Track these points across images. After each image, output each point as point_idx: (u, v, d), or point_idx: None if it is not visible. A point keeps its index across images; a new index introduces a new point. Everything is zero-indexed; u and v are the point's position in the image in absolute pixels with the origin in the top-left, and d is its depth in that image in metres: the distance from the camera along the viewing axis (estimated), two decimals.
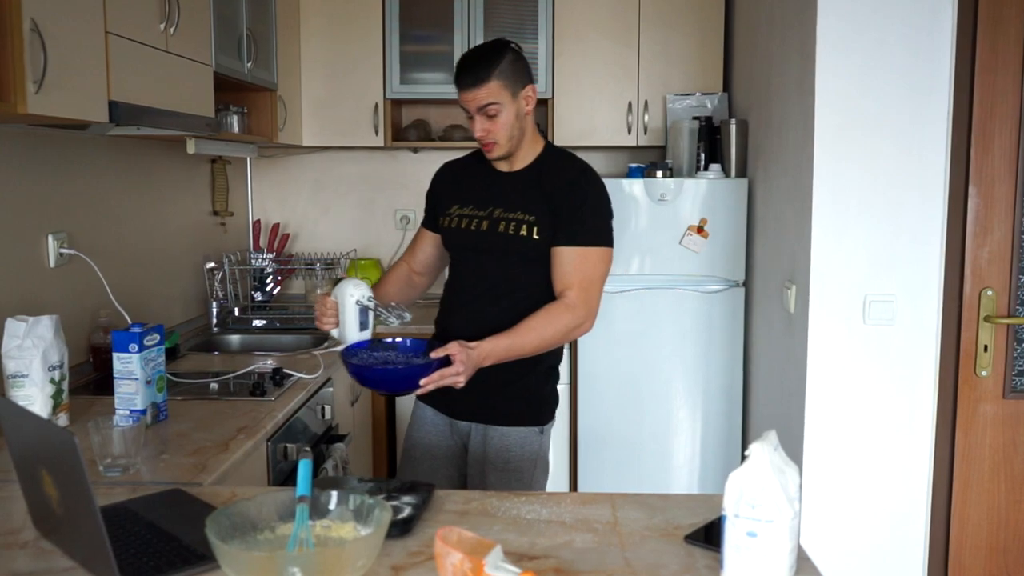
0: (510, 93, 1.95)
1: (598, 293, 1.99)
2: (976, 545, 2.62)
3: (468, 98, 1.95)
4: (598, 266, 1.98)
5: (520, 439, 2.05)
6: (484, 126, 1.96)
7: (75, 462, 1.12)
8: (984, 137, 2.50)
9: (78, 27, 1.89)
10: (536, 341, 1.92)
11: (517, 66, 1.97)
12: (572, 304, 1.94)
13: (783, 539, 1.14)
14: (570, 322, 1.94)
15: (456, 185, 2.13)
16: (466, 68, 1.95)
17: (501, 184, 2.05)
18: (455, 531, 1.17)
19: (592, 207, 1.99)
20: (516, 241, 1.97)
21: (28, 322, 1.84)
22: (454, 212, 2.08)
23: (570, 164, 2.06)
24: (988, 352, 2.56)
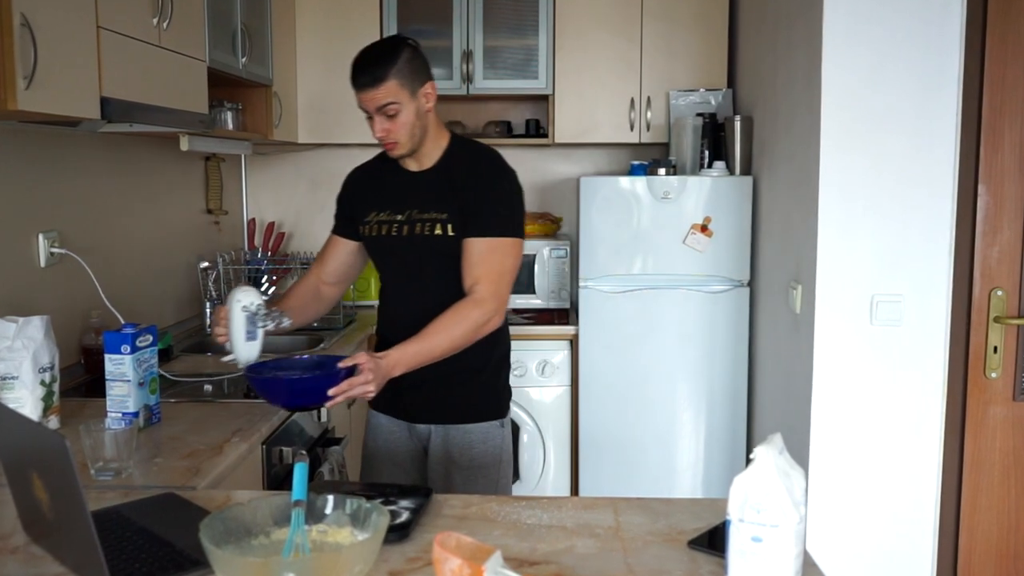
0: (408, 92, 1.94)
1: (508, 285, 1.99)
2: (986, 551, 2.62)
3: (366, 98, 1.94)
4: (507, 257, 1.97)
5: (483, 435, 2.08)
6: (384, 126, 1.95)
7: (66, 466, 1.12)
8: (994, 133, 2.50)
9: (69, 22, 1.89)
10: (446, 342, 1.91)
11: (414, 64, 1.96)
12: (480, 299, 1.93)
13: (789, 544, 1.14)
14: (479, 318, 1.92)
15: (370, 191, 2.13)
16: (362, 68, 1.94)
17: (413, 184, 2.05)
18: (454, 536, 1.17)
19: (499, 198, 1.99)
20: (433, 241, 1.98)
21: (18, 323, 1.84)
22: (373, 219, 2.08)
23: (477, 155, 2.06)
24: (998, 353, 2.56)
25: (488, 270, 1.94)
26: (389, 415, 2.15)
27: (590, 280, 3.38)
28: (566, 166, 4.01)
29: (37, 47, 1.73)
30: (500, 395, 2.15)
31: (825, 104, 2.47)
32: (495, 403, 2.13)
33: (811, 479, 2.55)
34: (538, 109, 3.93)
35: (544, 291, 3.62)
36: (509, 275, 1.99)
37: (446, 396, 2.06)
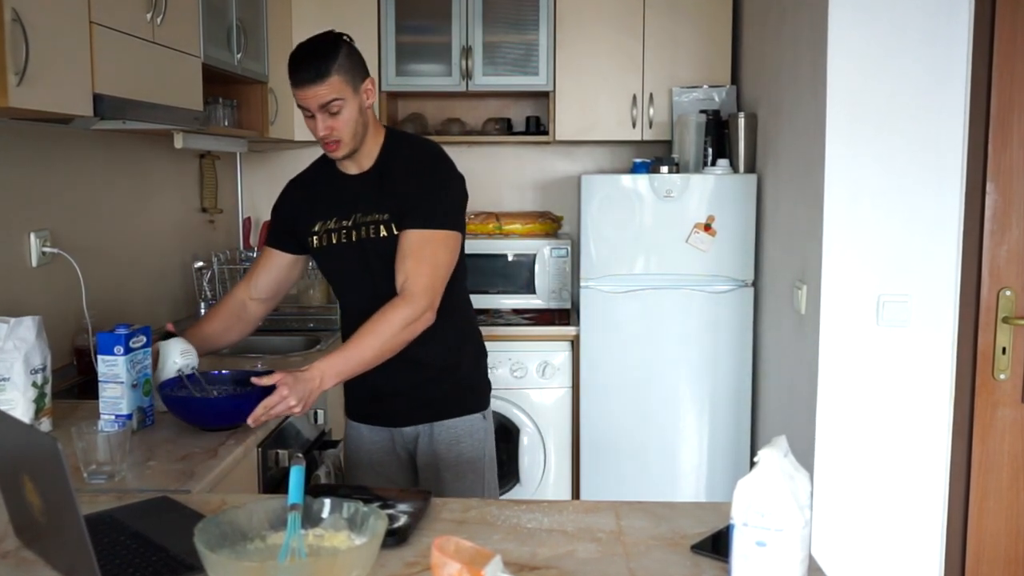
0: (351, 88, 1.92)
1: (441, 280, 1.96)
2: (994, 556, 2.62)
3: (308, 95, 1.90)
4: (440, 251, 1.95)
5: (468, 428, 2.10)
6: (327, 123, 1.92)
7: (58, 469, 1.12)
8: (1003, 129, 2.50)
9: (61, 17, 1.90)
10: (375, 345, 1.88)
11: (354, 59, 1.95)
12: (410, 295, 1.90)
13: (793, 549, 1.14)
14: (408, 315, 1.89)
15: (312, 200, 2.11)
16: (305, 63, 1.90)
17: (355, 187, 2.04)
18: (453, 540, 1.17)
19: (433, 189, 1.98)
20: (379, 243, 1.98)
21: (9, 323, 1.84)
22: (320, 230, 2.06)
23: (412, 148, 2.05)
24: (1006, 355, 2.56)
25: (419, 264, 1.92)
26: (369, 424, 2.15)
27: (591, 280, 3.38)
28: (567, 164, 4.01)
29: (29, 42, 1.73)
30: (480, 387, 2.17)
31: (830, 100, 2.47)
32: (476, 396, 2.15)
33: (816, 482, 2.56)
34: (538, 106, 3.93)
35: (545, 291, 3.62)
36: (443, 269, 1.96)
37: (427, 396, 2.07)
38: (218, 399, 2.03)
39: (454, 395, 2.11)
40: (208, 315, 2.21)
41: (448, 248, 1.97)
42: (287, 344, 3.14)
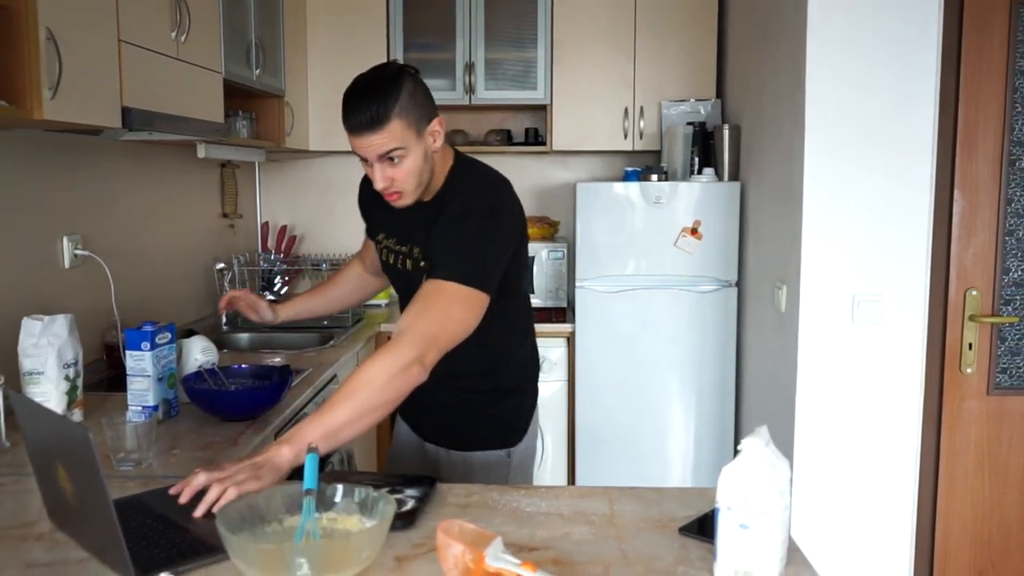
0: (415, 132, 1.55)
1: (446, 337, 1.52)
2: (961, 537, 2.62)
3: (363, 145, 1.54)
4: (455, 307, 1.53)
5: (484, 464, 1.81)
6: (387, 174, 1.56)
7: (89, 457, 1.12)
8: (969, 144, 2.51)
9: (92, 35, 1.90)
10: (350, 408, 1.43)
11: (419, 97, 1.56)
12: (397, 342, 1.48)
13: (774, 531, 1.14)
14: (388, 367, 1.45)
15: (379, 208, 1.79)
16: (359, 106, 1.52)
17: (416, 215, 1.70)
18: (457, 523, 1.17)
19: (472, 245, 1.58)
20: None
21: (44, 321, 1.84)
22: (383, 242, 1.85)
23: (466, 192, 1.66)
24: (972, 350, 2.57)
25: (425, 312, 1.52)
26: (409, 427, 1.98)
27: (586, 280, 3.38)
28: (563, 172, 4.01)
29: (62, 59, 1.73)
30: (510, 427, 1.85)
31: (809, 114, 2.47)
32: (501, 431, 1.84)
33: (795, 469, 2.56)
34: (537, 118, 3.93)
35: (542, 291, 3.62)
36: (452, 325, 1.52)
37: (451, 419, 1.84)
38: (238, 392, 2.03)
39: (473, 426, 1.83)
40: (333, 279, 2.07)
41: (467, 308, 1.54)
42: (303, 340, 3.14)
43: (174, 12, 2.28)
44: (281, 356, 2.74)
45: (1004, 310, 2.56)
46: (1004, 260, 2.54)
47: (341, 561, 1.13)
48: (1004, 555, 2.63)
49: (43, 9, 1.69)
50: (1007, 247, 2.54)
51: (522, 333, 1.86)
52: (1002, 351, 2.58)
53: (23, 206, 2.20)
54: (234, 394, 2.02)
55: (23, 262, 2.19)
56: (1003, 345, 2.57)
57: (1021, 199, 2.53)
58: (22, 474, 1.58)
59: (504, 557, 1.11)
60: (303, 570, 1.10)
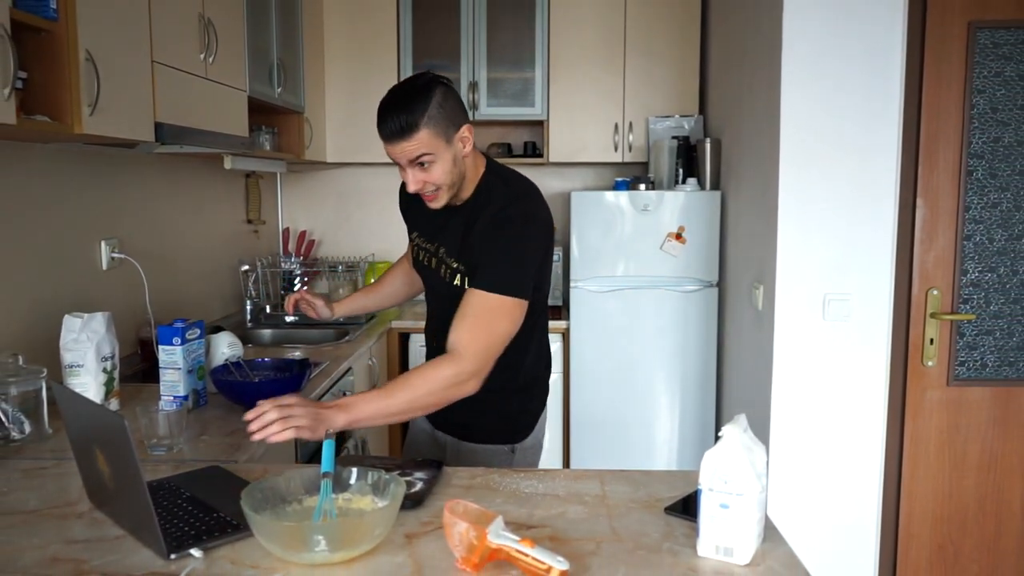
0: (443, 139, 1.54)
1: (496, 348, 1.56)
2: (923, 516, 2.62)
3: (395, 151, 1.54)
4: (501, 320, 1.56)
5: (487, 456, 1.77)
6: (418, 178, 1.57)
7: (125, 442, 1.12)
8: (930, 155, 2.50)
9: (128, 57, 1.90)
10: (406, 399, 1.49)
11: (447, 106, 1.55)
12: (460, 357, 1.53)
13: (752, 510, 1.14)
14: (452, 377, 1.51)
15: (415, 208, 1.80)
16: (390, 115, 1.52)
17: (447, 217, 1.70)
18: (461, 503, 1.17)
19: (509, 255, 1.57)
20: (451, 288, 1.68)
21: (83, 318, 1.84)
22: (415, 240, 1.83)
23: (500, 200, 1.63)
24: (934, 345, 2.56)
25: (475, 329, 1.54)
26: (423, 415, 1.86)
27: (580, 281, 3.37)
28: (559, 182, 4.01)
29: (100, 79, 1.73)
30: (513, 420, 1.80)
31: (784, 129, 2.47)
32: (503, 427, 1.79)
33: (771, 454, 2.55)
34: (535, 132, 3.92)
35: None
36: (500, 338, 1.56)
37: (460, 411, 1.70)
38: (261, 383, 2.03)
39: (480, 420, 1.77)
40: (387, 276, 2.04)
41: (510, 318, 1.57)
42: (320, 336, 3.14)
43: (203, 35, 2.28)
44: (301, 350, 2.74)
45: (963, 308, 2.56)
46: (963, 262, 2.54)
47: (355, 538, 1.13)
48: (962, 532, 2.62)
49: (83, 33, 1.69)
50: (965, 250, 2.54)
51: (537, 334, 1.80)
52: (960, 345, 2.57)
53: (64, 213, 2.20)
54: (257, 385, 2.02)
55: (64, 264, 2.19)
56: (961, 340, 2.57)
57: (977, 206, 2.53)
58: (63, 458, 1.58)
59: (505, 534, 1.11)
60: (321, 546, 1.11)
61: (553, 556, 1.08)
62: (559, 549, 1.17)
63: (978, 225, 2.53)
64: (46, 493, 1.43)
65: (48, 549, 1.20)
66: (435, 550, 1.19)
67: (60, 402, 1.34)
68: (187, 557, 1.17)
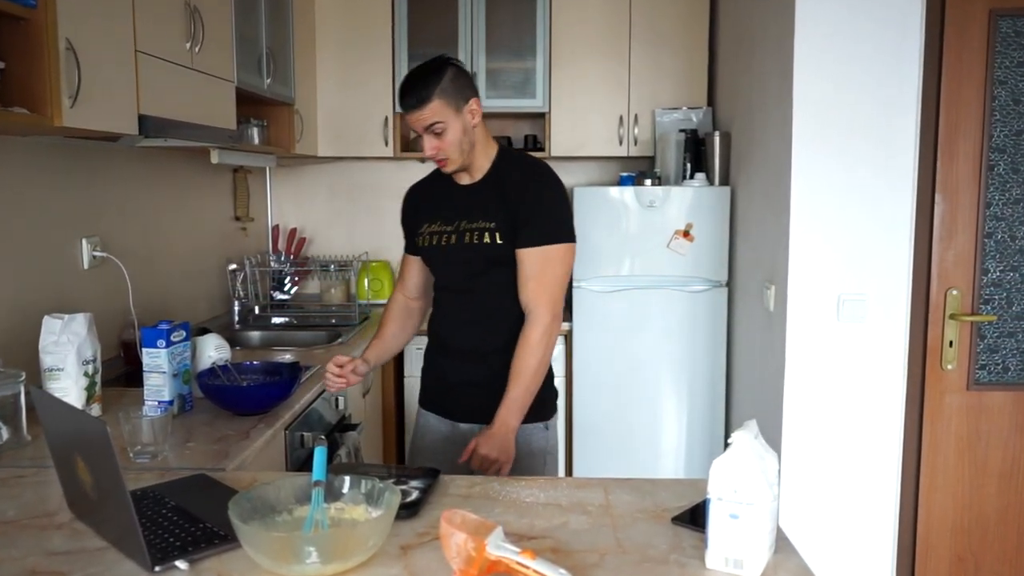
0: (453, 110, 1.84)
1: (561, 291, 1.89)
2: (942, 526, 2.62)
3: (412, 119, 1.85)
4: (560, 263, 1.88)
5: (525, 437, 1.92)
6: (433, 144, 1.86)
7: (107, 449, 1.12)
8: (950, 148, 2.50)
9: (110, 46, 1.90)
10: (530, 372, 1.84)
11: (458, 82, 1.85)
12: (535, 316, 1.85)
13: (763, 521, 1.14)
14: (542, 336, 1.85)
15: (424, 205, 2.04)
16: (408, 90, 1.84)
17: (464, 197, 1.95)
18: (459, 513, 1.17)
19: (547, 205, 1.90)
20: (481, 248, 1.88)
21: (64, 319, 1.84)
22: (425, 231, 2.00)
23: (523, 165, 1.96)
24: (953, 347, 2.56)
25: (540, 284, 1.85)
26: (436, 414, 2.03)
27: (583, 281, 3.37)
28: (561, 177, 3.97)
29: (80, 69, 1.73)
30: (542, 398, 1.96)
31: (796, 122, 2.47)
32: (537, 405, 1.93)
33: (783, 462, 2.56)
34: (536, 125, 3.92)
35: None
36: (561, 281, 1.89)
37: (490, 397, 1.90)
38: (249, 387, 2.03)
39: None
40: (385, 319, 2.13)
41: (564, 261, 1.89)
42: (312, 338, 3.14)
43: (188, 24, 2.28)
44: (291, 353, 2.74)
45: (983, 309, 2.56)
46: (983, 261, 2.54)
47: (348, 549, 1.13)
48: (983, 543, 2.63)
49: (63, 21, 1.69)
50: (986, 248, 2.54)
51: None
52: (981, 348, 2.57)
53: (44, 209, 2.20)
54: (246, 389, 2.02)
55: (44, 263, 2.19)
56: (982, 342, 2.57)
57: (999, 202, 2.53)
58: (43, 466, 1.58)
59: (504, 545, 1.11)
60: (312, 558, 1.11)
61: (555, 569, 1.08)
62: (561, 561, 1.17)
63: (999, 222, 2.53)
64: (25, 502, 1.43)
65: (27, 561, 1.20)
66: (431, 562, 1.19)
67: (39, 407, 1.34)
68: (172, 569, 1.17)
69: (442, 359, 2.01)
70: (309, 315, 3.57)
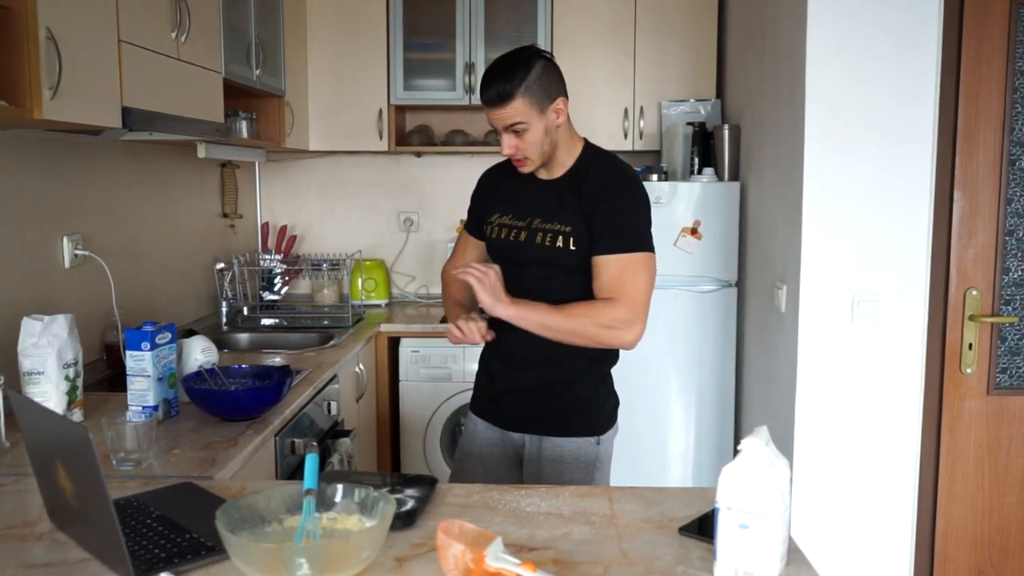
0: (537, 110, 1.78)
1: (647, 300, 1.82)
2: (961, 537, 2.62)
3: (493, 116, 1.79)
4: (640, 272, 1.81)
5: (574, 449, 1.91)
6: (512, 143, 1.81)
7: (89, 457, 1.12)
8: (969, 142, 2.50)
9: (92, 35, 1.90)
10: (569, 321, 1.78)
11: (545, 79, 1.79)
12: (618, 303, 1.78)
13: (774, 531, 1.14)
14: (608, 318, 1.77)
15: (498, 192, 1.99)
16: (490, 83, 1.77)
17: (540, 192, 1.90)
18: (457, 523, 1.17)
19: (629, 211, 1.83)
20: (553, 252, 1.84)
21: (44, 321, 1.84)
22: (495, 221, 1.96)
23: (607, 167, 1.89)
24: (972, 350, 2.56)
25: (623, 289, 1.79)
26: (486, 421, 2.02)
27: None
28: None
29: (62, 59, 1.73)
30: (598, 411, 1.96)
31: (809, 114, 2.47)
32: (591, 419, 1.94)
33: (795, 469, 2.55)
34: None
35: None
36: (645, 290, 1.82)
37: (540, 407, 1.91)
38: (238, 392, 2.03)
39: (565, 414, 1.92)
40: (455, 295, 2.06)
41: (648, 272, 1.83)
42: (303, 340, 3.14)
43: (174, 12, 2.28)
44: (281, 356, 2.74)
45: (1004, 310, 2.56)
46: (1004, 260, 2.54)
47: (341, 561, 1.13)
48: (1004, 555, 2.62)
49: (43, 9, 1.69)
50: (1007, 247, 2.54)
51: None
52: (1002, 351, 2.57)
53: (23, 206, 2.20)
54: (234, 394, 2.02)
55: (23, 262, 2.19)
56: (1003, 345, 2.57)
57: (1021, 199, 2.53)
58: (22, 474, 1.58)
59: (504, 557, 1.11)
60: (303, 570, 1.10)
61: None
62: (563, 573, 1.17)
63: (1021, 219, 2.53)
64: (3, 512, 1.43)
65: (5, 574, 1.20)
66: (428, 574, 1.19)
67: (18, 412, 1.34)
68: None
69: (495, 362, 1.99)
70: (300, 316, 3.57)
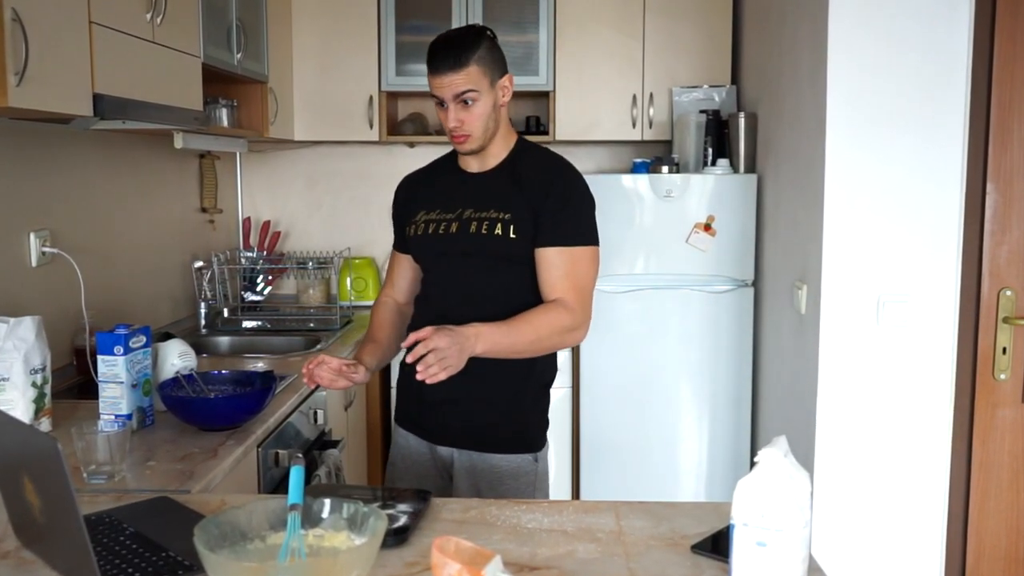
0: (488, 81, 1.87)
1: (591, 296, 1.90)
2: (994, 556, 2.62)
3: (444, 83, 1.83)
4: (588, 267, 1.89)
5: (513, 469, 1.90)
6: (459, 116, 1.86)
7: (58, 469, 1.12)
8: (1003, 131, 2.50)
9: (61, 17, 1.90)
10: (531, 338, 1.80)
11: (495, 54, 1.91)
12: (571, 308, 1.84)
13: (794, 549, 1.14)
14: (568, 323, 1.83)
15: (420, 193, 2.03)
16: (443, 51, 1.84)
17: (471, 184, 1.95)
18: (453, 540, 1.17)
19: (576, 205, 1.89)
20: (492, 241, 1.85)
21: (9, 323, 1.84)
22: (420, 219, 1.96)
23: (548, 160, 1.98)
24: (1007, 355, 2.56)
25: (571, 283, 1.85)
26: (413, 433, 1.98)
27: None
28: None
29: (28, 42, 1.73)
30: (534, 425, 1.96)
31: (831, 101, 2.47)
32: (529, 434, 1.94)
33: (816, 482, 2.56)
34: (538, 106, 3.93)
35: None
36: (590, 286, 1.90)
37: (474, 417, 1.89)
38: (218, 399, 2.04)
39: (502, 428, 1.91)
40: (374, 325, 2.04)
41: (594, 263, 1.90)
42: (287, 344, 3.14)
43: None
44: (264, 361, 2.74)
45: None
46: None
47: None
48: None
49: None
50: None
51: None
52: None
53: None
54: (214, 402, 2.02)
55: None
56: None
57: None
58: None
59: None
60: None
61: None
62: None
63: None
64: None
65: None
66: None
67: None
68: None
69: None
70: (284, 318, 3.57)
